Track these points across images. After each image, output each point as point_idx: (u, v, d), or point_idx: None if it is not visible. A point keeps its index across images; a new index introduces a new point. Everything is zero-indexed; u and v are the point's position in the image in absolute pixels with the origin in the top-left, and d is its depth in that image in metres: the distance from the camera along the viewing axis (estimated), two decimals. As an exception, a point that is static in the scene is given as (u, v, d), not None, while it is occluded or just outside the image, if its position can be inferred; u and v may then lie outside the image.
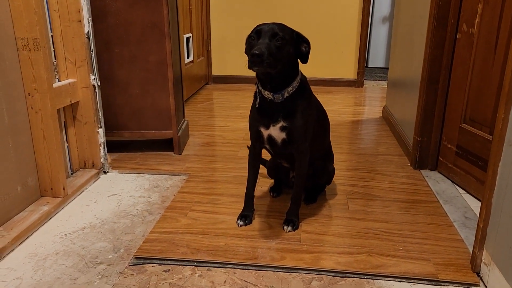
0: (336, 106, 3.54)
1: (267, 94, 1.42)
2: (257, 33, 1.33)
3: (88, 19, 1.86)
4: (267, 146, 1.53)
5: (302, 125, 1.45)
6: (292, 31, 1.39)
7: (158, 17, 2.12)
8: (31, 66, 1.57)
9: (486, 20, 1.72)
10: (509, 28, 1.59)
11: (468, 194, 1.86)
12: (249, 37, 1.36)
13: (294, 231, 1.53)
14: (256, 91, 1.49)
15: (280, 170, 1.80)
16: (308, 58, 1.43)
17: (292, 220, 1.55)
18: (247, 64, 1.30)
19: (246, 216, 1.59)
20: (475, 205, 1.75)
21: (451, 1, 1.89)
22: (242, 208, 1.62)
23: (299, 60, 1.44)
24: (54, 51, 1.83)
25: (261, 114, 1.46)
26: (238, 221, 1.57)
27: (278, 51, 1.31)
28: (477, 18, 1.76)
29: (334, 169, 1.82)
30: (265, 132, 1.47)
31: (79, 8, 1.81)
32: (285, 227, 1.54)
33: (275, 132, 1.45)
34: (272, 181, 1.91)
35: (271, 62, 1.28)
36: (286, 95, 1.41)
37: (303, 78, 1.48)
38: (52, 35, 1.81)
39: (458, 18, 1.89)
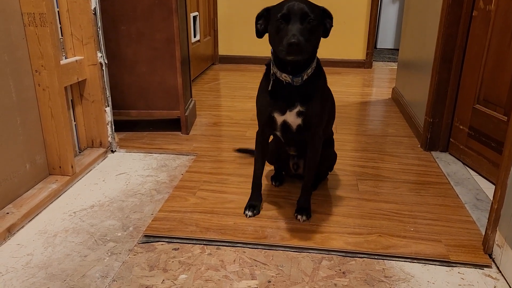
0: (345, 87, 3.50)
1: (285, 77, 1.31)
2: (284, 16, 1.21)
3: (94, -6, 1.82)
4: (278, 133, 1.44)
5: (319, 109, 1.37)
6: (318, 8, 1.28)
7: (166, -7, 2.08)
8: (38, 42, 1.54)
9: (504, -4, 1.66)
10: (528, 5, 1.53)
11: (479, 176, 1.83)
12: (277, 20, 1.22)
13: (308, 220, 1.48)
14: (268, 73, 1.38)
15: (281, 157, 1.71)
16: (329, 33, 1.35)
17: (306, 209, 1.50)
18: (280, 52, 1.21)
19: (254, 206, 1.52)
20: (487, 187, 1.73)
21: (467, -23, 1.84)
22: (249, 197, 1.56)
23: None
24: (60, 27, 1.80)
25: (275, 99, 1.36)
26: (246, 212, 1.50)
27: (311, 35, 1.22)
28: (495, -5, 1.71)
29: (335, 155, 1.75)
30: (280, 118, 1.37)
31: (85, -17, 1.77)
32: (299, 216, 1.48)
33: (291, 117, 1.36)
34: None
35: (308, 48, 1.21)
36: (305, 77, 1.32)
37: (317, 58, 1.40)
38: (58, 11, 1.78)
39: (475, -5, 1.84)
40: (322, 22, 1.30)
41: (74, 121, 1.93)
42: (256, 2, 4.13)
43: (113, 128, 2.04)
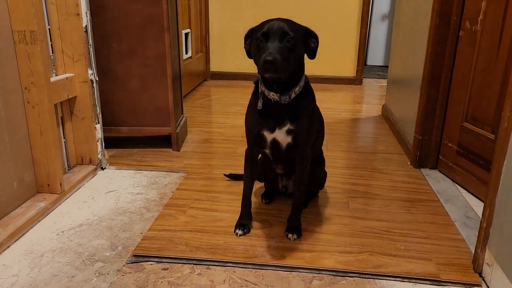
0: (336, 104, 3.52)
1: (273, 96, 1.32)
2: (264, 35, 1.23)
3: (86, 12, 1.83)
4: (267, 151, 1.43)
5: (308, 127, 1.38)
6: (301, 27, 1.30)
7: (158, 11, 2.09)
8: (28, 60, 1.54)
9: (490, 17, 1.70)
10: (513, 26, 1.57)
11: (468, 194, 1.85)
12: (257, 39, 1.25)
13: (299, 238, 1.47)
14: (256, 91, 1.39)
15: (269, 176, 1.70)
16: (316, 54, 1.35)
17: (296, 227, 1.49)
18: (258, 70, 1.22)
19: (244, 225, 1.50)
20: (476, 205, 1.74)
21: (454, -1, 1.88)
22: (239, 216, 1.54)
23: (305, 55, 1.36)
24: (51, 44, 1.80)
25: (264, 117, 1.36)
26: (237, 231, 1.49)
27: (290, 54, 1.22)
28: (481, 16, 1.75)
29: (325, 173, 1.75)
30: (269, 136, 1.37)
31: (77, 1, 1.77)
32: (290, 235, 1.47)
33: (281, 135, 1.36)
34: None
35: (284, 67, 1.20)
36: (293, 95, 1.32)
37: (306, 77, 1.40)
38: (49, 29, 1.78)
39: (461, 15, 1.88)
40: (305, 41, 1.31)
41: (64, 138, 1.91)
42: (247, 18, 4.18)
43: (103, 145, 2.03)
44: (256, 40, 1.26)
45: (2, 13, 1.45)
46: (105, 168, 2.05)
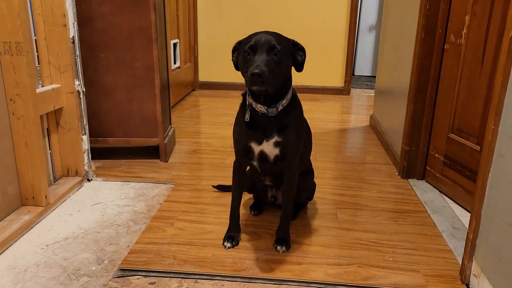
0: (324, 114, 3.54)
1: (260, 108, 1.33)
2: (251, 48, 1.24)
3: (73, 23, 1.82)
4: (255, 163, 1.43)
5: (296, 139, 1.38)
6: (288, 40, 1.31)
7: (146, 22, 2.09)
8: (13, 71, 1.52)
9: (474, 31, 1.73)
10: (496, 39, 1.60)
11: (455, 204, 1.86)
12: (244, 51, 1.25)
13: (287, 250, 1.46)
14: (244, 103, 1.39)
15: (258, 187, 1.70)
16: (303, 67, 1.36)
17: (285, 239, 1.48)
18: (246, 82, 1.22)
19: (233, 237, 1.50)
20: (463, 215, 1.75)
21: (439, 12, 1.91)
22: (228, 228, 1.53)
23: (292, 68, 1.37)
24: (37, 55, 1.78)
25: (251, 129, 1.36)
26: (225, 243, 1.48)
27: (277, 67, 1.23)
28: (465, 29, 1.78)
29: (315, 185, 1.75)
30: (257, 148, 1.37)
31: (64, 12, 1.76)
32: (278, 247, 1.46)
33: (268, 148, 1.36)
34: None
35: (271, 80, 1.21)
36: (280, 108, 1.33)
37: (294, 91, 1.40)
38: (36, 39, 1.77)
39: (446, 28, 1.91)
40: (292, 54, 1.32)
41: (50, 150, 1.89)
42: (235, 30, 4.20)
43: (90, 156, 2.00)
44: (243, 53, 1.26)
45: (-13, 24, 1.44)
46: (91, 179, 2.03)
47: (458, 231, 1.63)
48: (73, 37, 1.82)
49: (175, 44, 3.57)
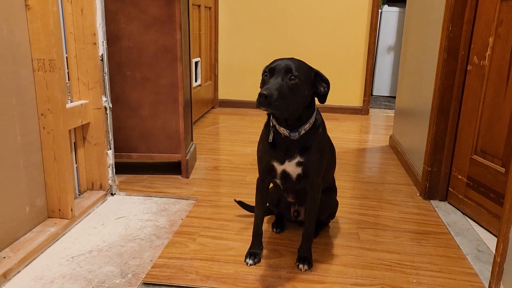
0: (343, 134, 3.55)
1: (283, 131, 1.35)
2: (270, 70, 1.26)
3: (102, 42, 1.88)
4: (278, 181, 1.46)
5: (318, 160, 1.40)
6: (310, 69, 1.31)
7: (171, 41, 2.15)
8: (45, 87, 1.58)
9: (498, 53, 1.73)
10: (521, 61, 1.60)
11: (479, 227, 1.83)
12: (263, 73, 1.29)
13: (309, 269, 1.46)
14: (268, 124, 1.42)
15: (281, 203, 1.71)
16: (327, 98, 1.35)
17: (307, 258, 1.48)
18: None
19: (255, 254, 1.50)
20: (488, 238, 1.72)
21: (461, 34, 1.92)
22: (250, 245, 1.54)
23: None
24: (68, 72, 1.85)
25: (274, 149, 1.39)
26: (247, 260, 1.49)
27: (290, 92, 1.23)
28: (489, 51, 1.78)
29: (337, 203, 1.75)
30: (279, 167, 1.40)
31: (94, 31, 1.83)
32: (300, 265, 1.46)
33: (291, 167, 1.39)
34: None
35: (280, 104, 1.20)
36: (302, 132, 1.35)
37: (319, 115, 1.42)
38: (66, 57, 1.83)
39: (469, 50, 1.91)
40: (313, 84, 1.32)
41: (76, 164, 1.93)
42: (255, 48, 4.26)
43: (114, 171, 2.04)
44: (263, 75, 1.30)
45: (24, 43, 1.50)
46: (115, 193, 2.06)
47: (483, 254, 1.60)
48: (102, 55, 1.88)
49: (196, 63, 3.64)
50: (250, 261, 1.48)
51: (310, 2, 4.18)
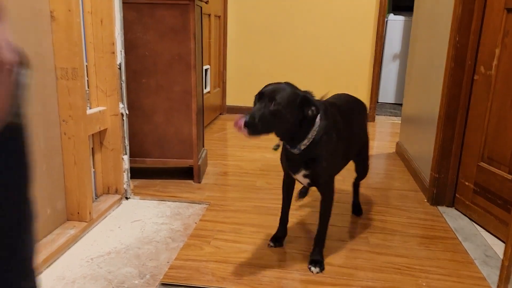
0: (350, 140, 3.58)
1: (287, 146, 1.46)
2: (258, 96, 1.33)
3: (121, 51, 1.95)
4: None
5: (324, 168, 1.47)
6: (295, 95, 1.32)
7: (185, 50, 2.21)
8: (68, 94, 1.64)
9: (504, 63, 1.78)
10: (527, 71, 1.65)
11: (486, 232, 1.87)
12: (255, 96, 1.35)
13: (321, 272, 1.51)
14: None
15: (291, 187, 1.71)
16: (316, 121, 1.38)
17: (319, 261, 1.54)
18: None
19: (278, 239, 1.68)
20: (495, 243, 1.76)
21: (468, 44, 1.97)
22: (276, 230, 1.70)
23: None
24: (87, 80, 1.91)
25: (287, 160, 1.53)
26: (270, 243, 1.67)
27: (272, 118, 1.28)
28: (495, 61, 1.83)
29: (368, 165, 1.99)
30: (293, 175, 1.55)
31: (113, 40, 1.90)
32: (312, 268, 1.52)
33: (300, 178, 1.51)
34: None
35: (263, 129, 1.28)
36: (302, 147, 1.41)
37: (323, 124, 1.40)
38: (86, 65, 1.90)
39: (476, 60, 1.97)
40: (297, 108, 1.33)
41: (93, 168, 1.99)
42: (262, 55, 4.33)
43: (129, 175, 2.10)
44: (254, 98, 1.35)
45: (48, 52, 1.57)
46: (129, 197, 2.12)
47: (491, 259, 1.64)
48: (120, 63, 1.95)
49: (206, 70, 3.71)
50: (272, 243, 1.67)
51: (317, 11, 4.25)
